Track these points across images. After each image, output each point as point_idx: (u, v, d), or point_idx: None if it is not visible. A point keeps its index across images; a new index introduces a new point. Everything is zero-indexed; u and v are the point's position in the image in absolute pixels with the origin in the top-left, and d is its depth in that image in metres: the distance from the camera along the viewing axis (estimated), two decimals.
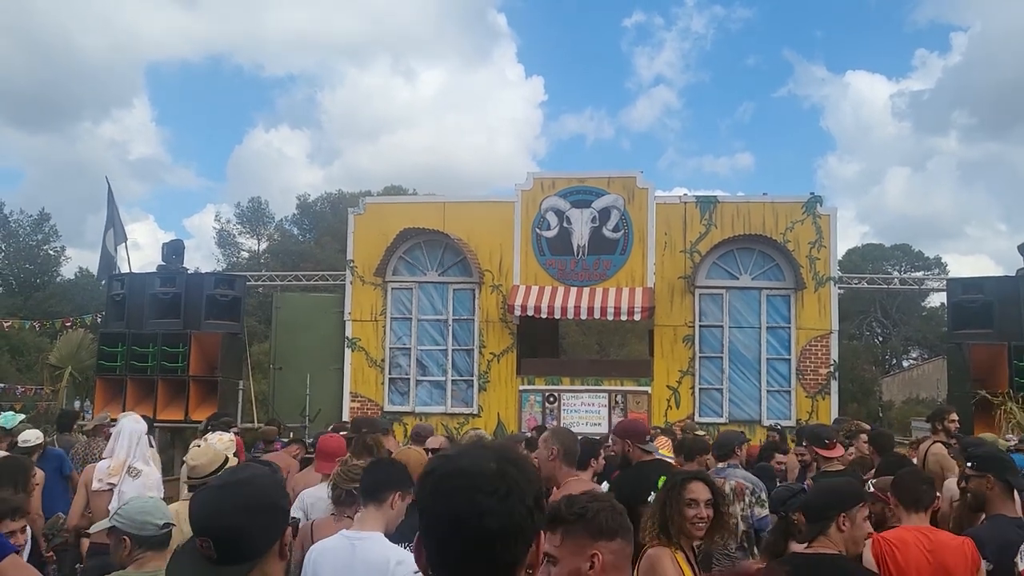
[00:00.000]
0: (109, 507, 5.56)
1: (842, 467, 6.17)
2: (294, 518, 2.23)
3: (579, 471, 6.10)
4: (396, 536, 3.69)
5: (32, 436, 6.90)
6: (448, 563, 1.50)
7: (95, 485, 5.74)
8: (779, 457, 7.13)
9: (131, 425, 5.97)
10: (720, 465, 6.38)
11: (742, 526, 5.85)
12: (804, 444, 7.02)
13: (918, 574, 3.68)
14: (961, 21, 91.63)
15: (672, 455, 7.03)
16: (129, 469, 5.70)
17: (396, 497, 3.57)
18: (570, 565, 2.36)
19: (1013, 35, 76.86)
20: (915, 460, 7.09)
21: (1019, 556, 2.62)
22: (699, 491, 3.79)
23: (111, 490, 5.65)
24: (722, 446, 6.63)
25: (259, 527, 2.01)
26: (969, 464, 4.35)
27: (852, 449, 7.69)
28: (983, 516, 4.25)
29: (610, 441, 6.85)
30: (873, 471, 5.96)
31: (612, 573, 2.37)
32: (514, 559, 1.50)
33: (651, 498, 4.83)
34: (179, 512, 3.83)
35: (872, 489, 4.77)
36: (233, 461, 5.69)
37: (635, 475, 5.23)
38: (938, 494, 5.14)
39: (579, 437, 5.32)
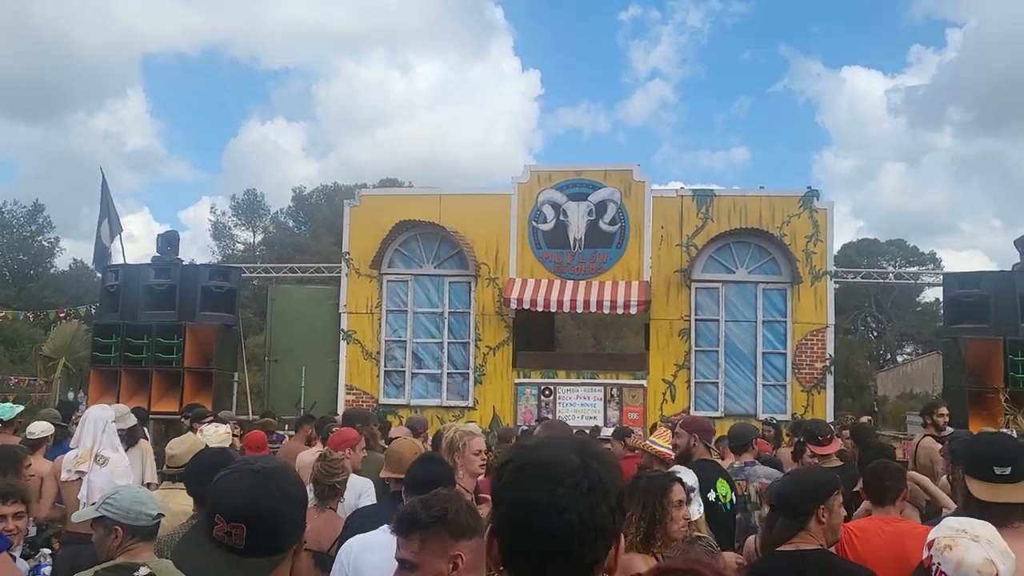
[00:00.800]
0: (79, 496, 5.54)
1: (841, 463, 6.13)
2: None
3: None
4: (359, 525, 3.70)
5: (38, 428, 6.82)
6: (523, 558, 1.41)
7: (63, 476, 5.71)
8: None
9: (96, 413, 5.93)
10: (737, 464, 6.07)
11: None
12: (800, 440, 6.92)
13: (876, 558, 3.69)
14: (956, 17, 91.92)
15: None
16: (96, 457, 5.67)
17: None
18: (432, 569, 2.32)
19: (1008, 31, 77.06)
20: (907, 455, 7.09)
21: (928, 547, 2.48)
22: (680, 492, 3.83)
23: (80, 479, 5.62)
24: (738, 438, 6.28)
25: (294, 518, 1.90)
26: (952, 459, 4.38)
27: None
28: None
29: (673, 434, 6.73)
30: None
31: (472, 572, 2.34)
32: (594, 559, 1.41)
33: (713, 496, 4.81)
34: (159, 501, 3.82)
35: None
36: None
37: (696, 471, 5.18)
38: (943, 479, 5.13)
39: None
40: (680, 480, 3.93)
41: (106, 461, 5.68)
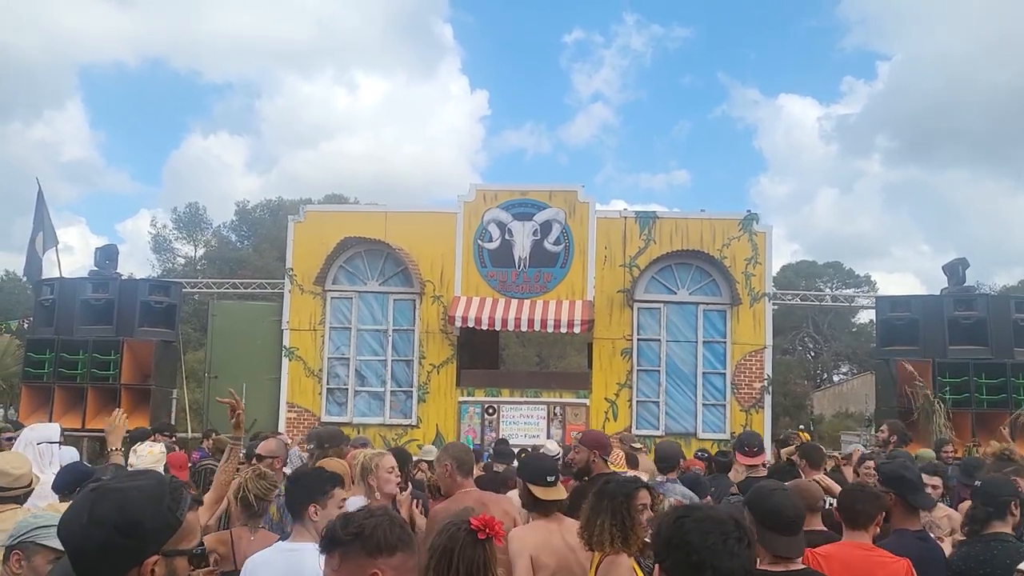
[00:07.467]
0: None
1: (765, 473, 6.37)
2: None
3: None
4: None
5: None
6: None
7: None
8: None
9: (27, 434, 5.81)
10: (659, 479, 6.18)
11: None
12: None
13: None
14: (886, 50, 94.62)
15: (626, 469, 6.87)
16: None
17: (312, 510, 3.64)
18: None
19: (932, 65, 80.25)
20: (847, 473, 7.21)
21: None
22: (646, 497, 3.93)
23: None
24: (665, 459, 6.43)
25: (100, 545, 1.69)
26: (878, 480, 4.47)
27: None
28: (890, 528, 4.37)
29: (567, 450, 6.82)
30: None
31: None
32: None
33: None
34: None
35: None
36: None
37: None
38: None
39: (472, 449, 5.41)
40: (646, 486, 4.01)
41: (36, 481, 5.53)
